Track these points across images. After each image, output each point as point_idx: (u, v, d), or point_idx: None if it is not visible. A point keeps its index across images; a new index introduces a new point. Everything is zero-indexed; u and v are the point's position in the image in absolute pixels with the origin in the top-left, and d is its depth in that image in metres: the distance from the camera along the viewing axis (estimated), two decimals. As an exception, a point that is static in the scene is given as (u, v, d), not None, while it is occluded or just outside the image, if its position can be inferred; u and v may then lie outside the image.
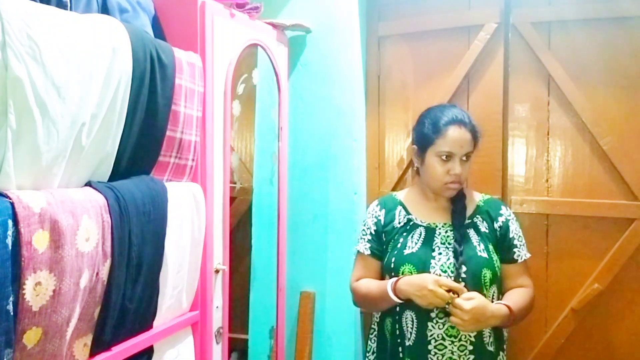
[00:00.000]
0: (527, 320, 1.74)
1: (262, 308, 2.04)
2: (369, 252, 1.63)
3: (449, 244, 1.54)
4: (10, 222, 0.93)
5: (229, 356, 1.71)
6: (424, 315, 1.50)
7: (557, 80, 1.79)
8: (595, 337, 1.78)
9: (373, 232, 1.63)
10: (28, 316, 0.98)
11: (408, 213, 1.62)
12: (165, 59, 1.34)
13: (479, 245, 1.53)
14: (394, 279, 1.51)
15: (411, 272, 1.51)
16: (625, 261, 1.72)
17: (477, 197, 1.65)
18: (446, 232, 1.56)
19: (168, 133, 1.38)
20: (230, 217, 1.66)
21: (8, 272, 0.93)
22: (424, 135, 1.57)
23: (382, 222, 1.63)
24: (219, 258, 1.62)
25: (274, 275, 1.97)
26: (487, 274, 1.50)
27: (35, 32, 0.98)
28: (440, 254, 1.52)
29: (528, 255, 1.60)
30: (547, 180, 1.85)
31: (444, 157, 1.53)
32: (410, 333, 1.53)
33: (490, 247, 1.55)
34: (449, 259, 1.51)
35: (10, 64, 0.93)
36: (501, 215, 1.60)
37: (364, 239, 1.65)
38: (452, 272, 1.49)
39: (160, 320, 1.40)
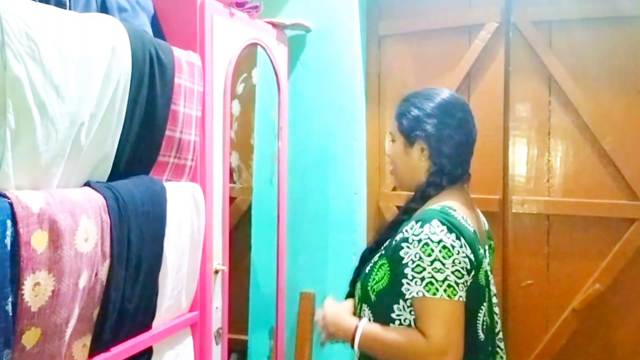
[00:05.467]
0: (528, 320, 1.73)
1: (262, 308, 2.03)
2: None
3: None
4: (9, 222, 0.93)
5: (229, 357, 1.71)
6: None
7: (558, 79, 1.79)
8: (596, 338, 1.77)
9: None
10: (27, 317, 0.97)
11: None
12: (164, 58, 1.34)
13: (377, 258, 1.21)
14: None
15: None
16: (627, 261, 1.71)
17: (426, 207, 1.19)
18: None
19: (167, 133, 1.38)
20: (230, 217, 1.65)
21: (7, 273, 0.92)
22: None
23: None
24: (219, 258, 1.61)
25: (274, 275, 1.96)
26: (359, 289, 1.23)
27: (34, 32, 0.98)
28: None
29: (427, 295, 1.04)
30: (548, 180, 1.85)
31: None
32: None
33: (384, 261, 1.17)
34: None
35: (9, 64, 0.93)
36: (402, 232, 1.14)
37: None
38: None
39: (160, 321, 1.39)
